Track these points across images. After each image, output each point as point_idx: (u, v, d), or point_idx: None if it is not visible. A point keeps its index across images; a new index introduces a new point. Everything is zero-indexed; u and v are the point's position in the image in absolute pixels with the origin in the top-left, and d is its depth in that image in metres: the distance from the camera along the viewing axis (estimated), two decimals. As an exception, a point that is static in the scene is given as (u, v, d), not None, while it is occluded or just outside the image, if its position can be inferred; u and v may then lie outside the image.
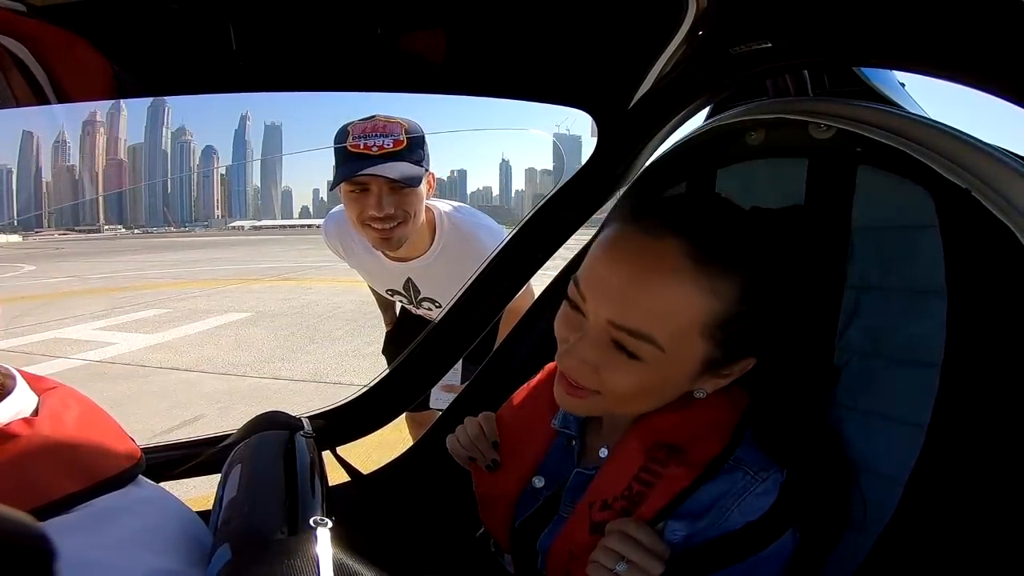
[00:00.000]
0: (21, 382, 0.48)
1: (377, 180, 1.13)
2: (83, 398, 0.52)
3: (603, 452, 0.62)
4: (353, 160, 1.13)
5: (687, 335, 0.49)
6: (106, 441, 0.49)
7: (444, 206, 1.35)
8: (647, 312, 0.48)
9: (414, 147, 1.15)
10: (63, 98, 0.56)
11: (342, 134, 1.15)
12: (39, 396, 0.48)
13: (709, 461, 0.54)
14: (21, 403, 0.46)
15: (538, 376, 0.73)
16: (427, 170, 1.20)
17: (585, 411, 0.60)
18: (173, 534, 0.46)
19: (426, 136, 1.19)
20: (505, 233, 1.32)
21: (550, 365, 0.72)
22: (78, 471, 0.44)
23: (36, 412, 0.46)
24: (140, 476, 0.50)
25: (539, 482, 0.65)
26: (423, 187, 1.20)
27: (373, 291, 1.63)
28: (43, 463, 0.43)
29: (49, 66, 0.54)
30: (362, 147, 1.12)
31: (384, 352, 1.72)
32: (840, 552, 0.59)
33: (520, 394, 0.73)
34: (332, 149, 1.17)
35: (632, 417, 0.60)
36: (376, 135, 1.12)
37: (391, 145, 1.12)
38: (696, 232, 0.49)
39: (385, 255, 1.32)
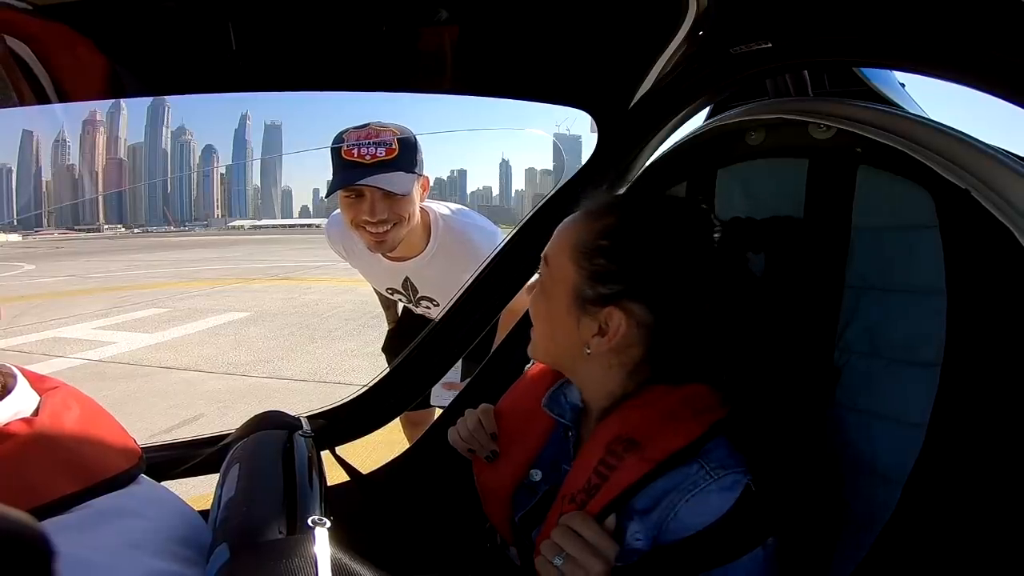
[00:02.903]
0: (22, 381, 0.48)
1: (370, 187, 1.17)
2: (85, 398, 0.51)
3: None
4: (347, 168, 1.17)
5: (560, 255, 0.62)
6: (107, 441, 0.49)
7: (440, 208, 1.39)
8: (549, 246, 0.64)
9: (406, 154, 1.19)
10: (63, 97, 0.56)
11: (338, 141, 1.20)
12: (41, 396, 0.48)
13: (666, 456, 0.52)
14: (21, 403, 0.46)
15: (536, 367, 0.73)
16: (420, 174, 1.24)
17: (532, 353, 0.66)
18: (173, 534, 0.46)
19: (426, 136, 1.22)
20: (500, 233, 1.34)
21: None
22: (77, 471, 0.44)
23: (37, 412, 0.46)
24: (141, 475, 0.50)
25: (536, 475, 0.66)
26: (415, 192, 1.24)
27: (376, 291, 1.65)
28: (41, 463, 0.43)
29: (50, 65, 0.54)
30: (356, 155, 1.16)
31: (384, 350, 1.74)
32: (838, 552, 0.59)
33: (518, 387, 0.74)
34: (330, 152, 1.21)
35: (600, 407, 0.61)
36: (369, 143, 1.17)
37: (383, 154, 1.17)
38: (590, 200, 0.65)
39: (383, 255, 1.34)
